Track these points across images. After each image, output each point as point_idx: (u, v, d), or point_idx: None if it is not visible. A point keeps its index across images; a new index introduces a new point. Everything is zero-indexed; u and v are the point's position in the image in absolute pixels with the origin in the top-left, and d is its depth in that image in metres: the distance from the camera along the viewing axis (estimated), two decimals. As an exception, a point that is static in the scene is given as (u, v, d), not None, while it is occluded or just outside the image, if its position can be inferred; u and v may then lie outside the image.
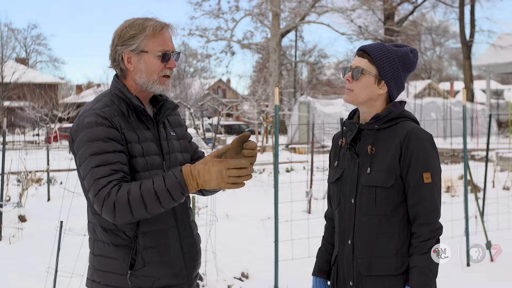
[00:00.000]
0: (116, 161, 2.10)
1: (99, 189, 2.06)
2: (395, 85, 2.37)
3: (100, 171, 2.07)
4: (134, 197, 2.03)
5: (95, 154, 2.09)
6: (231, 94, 59.01)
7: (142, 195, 2.03)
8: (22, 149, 20.50)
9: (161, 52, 2.23)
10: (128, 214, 2.04)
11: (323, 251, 2.57)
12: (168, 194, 2.04)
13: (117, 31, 2.26)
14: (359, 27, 36.73)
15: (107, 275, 2.21)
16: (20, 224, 7.85)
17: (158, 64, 2.23)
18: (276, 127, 5.39)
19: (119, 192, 2.04)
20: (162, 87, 2.26)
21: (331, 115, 24.60)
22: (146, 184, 2.05)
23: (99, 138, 2.11)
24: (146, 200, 2.03)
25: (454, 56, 59.47)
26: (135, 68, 2.24)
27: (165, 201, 2.05)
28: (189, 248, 2.32)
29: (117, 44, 2.24)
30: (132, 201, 2.03)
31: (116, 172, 2.08)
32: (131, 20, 2.26)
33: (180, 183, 2.04)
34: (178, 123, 2.44)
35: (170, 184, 2.04)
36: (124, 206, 2.03)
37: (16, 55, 51.13)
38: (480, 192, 9.47)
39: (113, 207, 2.03)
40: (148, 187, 2.04)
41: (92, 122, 2.13)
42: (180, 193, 2.05)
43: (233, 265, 5.79)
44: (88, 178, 2.10)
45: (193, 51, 42.91)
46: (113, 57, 2.26)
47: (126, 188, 2.05)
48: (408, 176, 2.28)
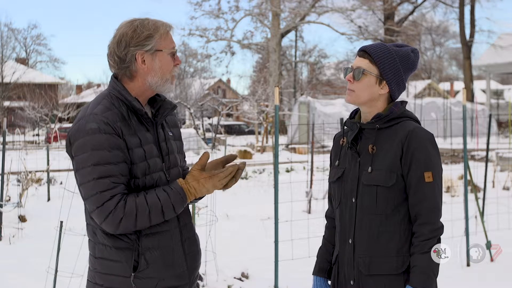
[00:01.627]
0: (118, 173, 2.12)
1: (103, 202, 2.08)
2: (396, 85, 2.37)
3: (103, 184, 2.08)
4: (142, 213, 2.11)
5: (98, 164, 2.09)
6: (231, 94, 59.01)
7: (150, 212, 2.13)
8: (22, 149, 20.49)
9: (173, 50, 2.26)
10: (131, 227, 2.13)
11: (323, 251, 2.57)
12: (172, 209, 2.18)
13: (125, 33, 2.21)
14: (359, 27, 36.73)
15: (110, 278, 2.20)
16: (20, 224, 7.85)
17: (171, 61, 2.27)
18: (276, 127, 5.39)
19: (127, 208, 2.09)
20: (171, 86, 2.30)
21: (331, 115, 24.60)
22: (152, 200, 2.14)
23: (103, 148, 2.10)
24: (152, 215, 2.13)
25: (454, 56, 59.48)
26: (149, 68, 2.23)
27: (168, 215, 2.18)
28: (190, 248, 2.32)
29: (129, 45, 2.20)
30: (139, 215, 2.11)
31: (118, 184, 2.11)
32: (137, 21, 2.24)
33: (183, 199, 2.19)
34: (175, 124, 2.45)
35: (175, 201, 2.18)
36: (131, 221, 2.10)
37: (16, 55, 51.11)
38: (480, 192, 9.47)
39: (119, 222, 2.09)
40: (156, 204, 2.14)
41: (95, 129, 2.11)
42: (182, 207, 2.22)
43: (233, 265, 5.78)
44: (89, 188, 2.11)
45: (193, 51, 42.94)
46: (122, 58, 2.21)
47: (133, 202, 2.11)
48: (409, 175, 2.28)
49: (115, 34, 2.24)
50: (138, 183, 2.17)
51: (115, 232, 2.13)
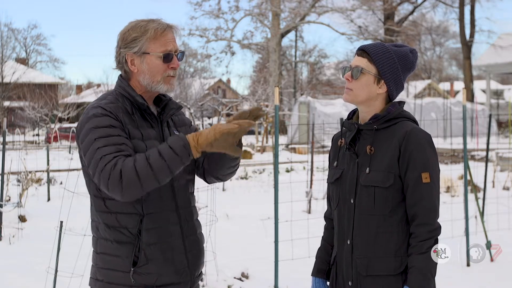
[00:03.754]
0: (122, 142, 2.12)
1: (104, 164, 2.06)
2: (395, 85, 2.37)
3: (107, 150, 2.08)
4: (140, 163, 2.04)
5: (101, 137, 2.11)
6: (231, 94, 58.99)
7: (148, 159, 2.04)
8: (22, 149, 20.48)
9: (162, 53, 2.25)
10: (136, 183, 2.03)
11: (322, 251, 2.57)
12: (173, 152, 2.05)
13: (120, 34, 2.29)
14: (359, 27, 36.74)
15: (110, 273, 2.22)
16: (20, 224, 7.85)
17: (161, 65, 2.26)
18: (276, 127, 5.38)
19: (125, 162, 2.05)
20: (167, 87, 2.29)
21: (331, 115, 24.61)
22: (150, 151, 2.09)
23: (105, 125, 2.14)
24: (153, 164, 2.04)
25: (454, 56, 59.49)
26: (138, 70, 2.27)
27: (172, 161, 2.05)
28: (192, 246, 2.33)
29: (120, 47, 2.28)
30: (138, 168, 2.03)
31: (122, 150, 2.10)
32: (135, 22, 2.29)
33: (184, 142, 2.07)
34: (183, 123, 2.46)
35: (173, 142, 2.07)
36: (132, 175, 2.02)
37: (16, 55, 51.13)
38: (480, 192, 9.47)
39: (120, 177, 2.02)
40: (153, 152, 2.07)
41: (97, 113, 2.16)
42: (184, 152, 2.06)
43: (233, 265, 5.79)
44: (94, 160, 2.09)
45: (193, 51, 42.91)
46: (118, 59, 2.30)
47: (132, 157, 2.08)
48: (406, 176, 2.28)
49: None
50: None
51: (123, 196, 2.05)
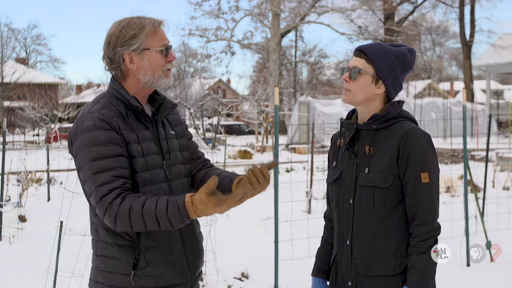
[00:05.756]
0: (116, 166, 2.11)
1: (100, 196, 2.07)
2: (393, 85, 2.37)
3: (101, 178, 2.08)
4: (135, 215, 2.04)
5: (95, 159, 2.10)
6: (231, 94, 58.99)
7: (143, 216, 2.03)
8: (22, 149, 20.49)
9: (162, 48, 2.25)
10: (128, 227, 2.07)
11: (322, 251, 2.58)
12: (168, 221, 2.04)
13: (113, 33, 2.24)
14: (359, 27, 36.74)
15: (111, 276, 2.22)
16: (20, 224, 7.85)
17: (161, 59, 2.26)
18: (276, 127, 5.38)
19: (121, 206, 2.04)
20: (168, 80, 2.29)
21: (331, 115, 24.61)
22: (148, 205, 2.04)
23: (99, 143, 2.11)
24: (146, 221, 2.04)
25: (454, 56, 59.48)
26: (138, 67, 2.24)
27: (164, 225, 2.05)
28: (191, 246, 2.33)
29: (116, 46, 2.23)
30: (132, 218, 2.04)
31: (117, 178, 2.09)
32: (125, 20, 2.26)
33: (181, 214, 2.03)
34: (178, 122, 2.45)
35: (171, 212, 2.03)
36: (125, 221, 2.05)
37: (16, 55, 51.15)
38: (480, 192, 9.47)
39: (115, 219, 2.05)
40: (150, 210, 2.03)
41: (91, 126, 2.13)
42: (179, 223, 2.05)
43: (233, 265, 5.79)
44: (88, 184, 2.11)
45: (193, 51, 42.94)
46: (111, 59, 2.25)
47: (129, 203, 2.05)
48: (405, 176, 2.28)
49: (106, 35, 2.27)
50: (137, 178, 2.18)
51: (115, 229, 2.11)
